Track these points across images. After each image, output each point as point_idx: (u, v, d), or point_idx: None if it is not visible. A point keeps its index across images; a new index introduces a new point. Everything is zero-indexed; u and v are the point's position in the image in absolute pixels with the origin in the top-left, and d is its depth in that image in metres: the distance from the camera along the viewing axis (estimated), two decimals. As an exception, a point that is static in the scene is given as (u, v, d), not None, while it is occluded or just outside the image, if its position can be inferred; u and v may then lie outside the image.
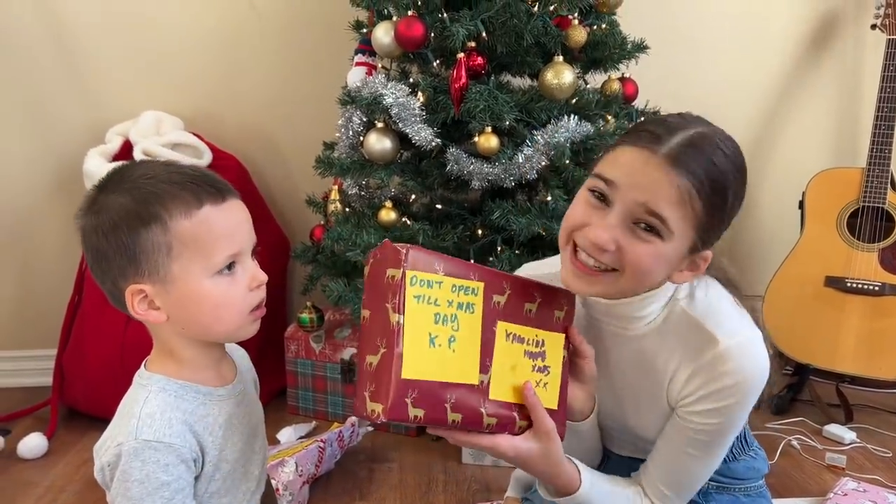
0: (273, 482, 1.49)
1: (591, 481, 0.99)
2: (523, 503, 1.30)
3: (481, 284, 0.89)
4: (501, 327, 0.91)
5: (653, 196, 0.86)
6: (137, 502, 0.83)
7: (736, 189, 0.90)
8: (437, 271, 0.85)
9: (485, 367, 0.88)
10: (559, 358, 0.97)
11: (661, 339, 0.98)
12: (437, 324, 0.84)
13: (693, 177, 0.85)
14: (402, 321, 0.81)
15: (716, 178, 0.87)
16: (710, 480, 1.11)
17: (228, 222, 0.88)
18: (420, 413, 0.82)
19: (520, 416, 0.92)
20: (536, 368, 0.94)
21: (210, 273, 0.86)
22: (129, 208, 0.84)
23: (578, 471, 0.98)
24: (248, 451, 0.98)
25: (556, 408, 0.96)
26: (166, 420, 0.87)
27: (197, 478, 0.90)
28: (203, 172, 0.90)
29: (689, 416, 0.97)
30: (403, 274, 0.82)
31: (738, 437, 1.16)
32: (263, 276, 0.90)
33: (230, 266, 0.88)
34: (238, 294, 0.88)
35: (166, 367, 0.92)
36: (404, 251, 0.82)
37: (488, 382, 0.89)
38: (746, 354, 0.93)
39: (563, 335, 0.97)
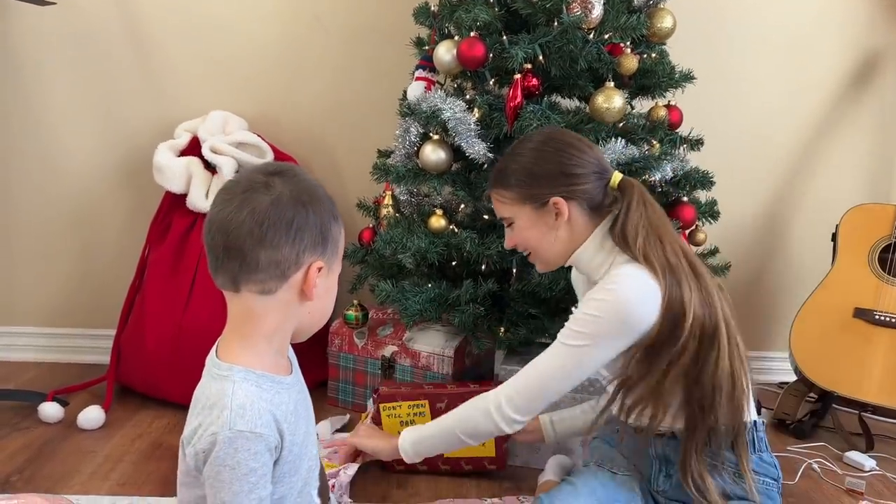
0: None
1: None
2: (562, 483, 1.40)
3: (426, 401, 1.72)
4: None
5: (498, 211, 1.42)
6: (227, 485, 0.90)
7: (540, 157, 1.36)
8: (396, 400, 1.72)
9: None
10: None
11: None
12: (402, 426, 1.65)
13: (494, 186, 1.41)
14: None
15: (501, 171, 1.39)
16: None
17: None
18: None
19: None
20: None
21: (336, 275, 1.03)
22: (326, 198, 0.99)
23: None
24: (308, 434, 1.07)
25: None
26: (256, 411, 0.93)
27: (275, 462, 0.97)
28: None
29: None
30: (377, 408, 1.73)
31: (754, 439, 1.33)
32: None
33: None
34: (333, 300, 1.05)
35: (242, 357, 0.97)
36: (375, 395, 1.76)
37: None
38: (629, 277, 1.26)
39: None
